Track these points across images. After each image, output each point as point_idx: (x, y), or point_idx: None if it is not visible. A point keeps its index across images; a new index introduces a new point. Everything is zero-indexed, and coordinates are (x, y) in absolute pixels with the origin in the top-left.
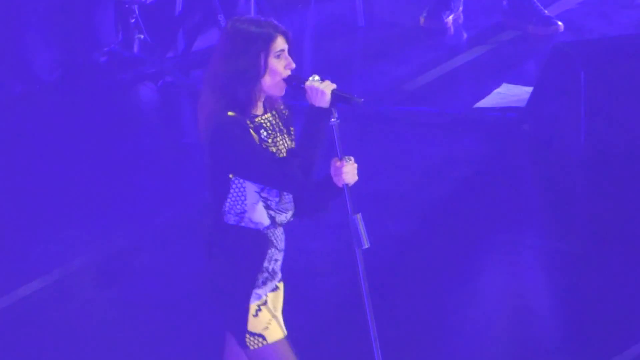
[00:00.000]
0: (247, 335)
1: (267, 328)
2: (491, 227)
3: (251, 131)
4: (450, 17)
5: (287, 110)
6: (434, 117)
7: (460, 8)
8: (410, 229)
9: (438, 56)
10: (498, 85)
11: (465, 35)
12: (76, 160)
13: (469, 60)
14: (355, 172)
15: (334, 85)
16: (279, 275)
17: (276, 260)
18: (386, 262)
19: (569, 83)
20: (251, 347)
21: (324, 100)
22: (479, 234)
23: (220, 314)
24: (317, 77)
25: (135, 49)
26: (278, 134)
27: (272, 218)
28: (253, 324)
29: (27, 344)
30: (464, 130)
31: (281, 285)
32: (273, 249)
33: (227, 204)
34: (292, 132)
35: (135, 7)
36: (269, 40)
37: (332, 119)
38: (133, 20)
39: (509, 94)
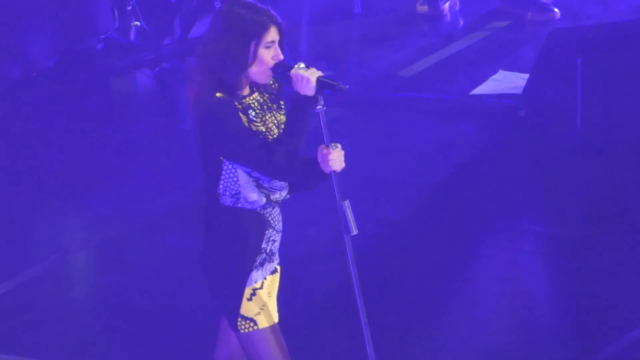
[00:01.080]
0: (239, 319)
1: (259, 313)
2: (487, 213)
3: (240, 113)
4: (447, 4)
5: (276, 85)
6: (430, 103)
7: None
8: (406, 215)
9: (434, 43)
10: (494, 71)
11: (461, 22)
12: (73, 147)
13: (465, 46)
14: (342, 159)
15: (320, 73)
16: (277, 257)
17: (274, 241)
18: (382, 248)
19: (566, 69)
20: (241, 331)
21: (309, 88)
22: (475, 220)
23: (214, 296)
24: (302, 65)
25: (132, 36)
26: (267, 113)
27: (266, 196)
28: (246, 308)
29: (25, 330)
30: (460, 117)
31: (279, 268)
32: (271, 230)
33: (221, 186)
34: (282, 106)
35: None
36: (262, 30)
37: (318, 106)
38: (130, 8)
39: (505, 80)
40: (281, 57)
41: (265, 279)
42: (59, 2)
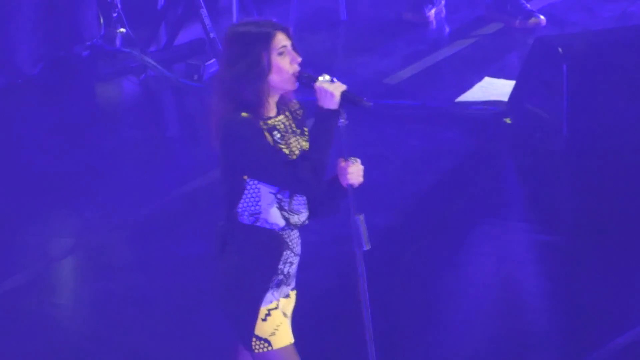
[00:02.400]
0: (254, 339)
1: (273, 334)
2: (474, 220)
3: (265, 132)
4: (433, 11)
5: (301, 111)
6: (416, 110)
7: (443, 1)
8: (392, 223)
9: (420, 50)
10: (480, 78)
11: (447, 29)
12: (59, 154)
13: (451, 53)
14: (361, 173)
15: (344, 87)
16: (293, 282)
17: (291, 263)
18: (368, 255)
19: (552, 76)
20: (256, 351)
21: (333, 102)
22: (462, 227)
23: (228, 315)
24: (327, 77)
25: (118, 42)
26: (291, 136)
27: (286, 219)
28: (261, 328)
29: (12, 337)
30: (446, 124)
31: (293, 294)
32: (288, 252)
33: (241, 205)
34: (306, 133)
35: (118, 1)
36: (268, 38)
37: (341, 120)
38: (115, 14)
39: (491, 87)
40: (299, 59)
41: (278, 300)
42: (44, 9)
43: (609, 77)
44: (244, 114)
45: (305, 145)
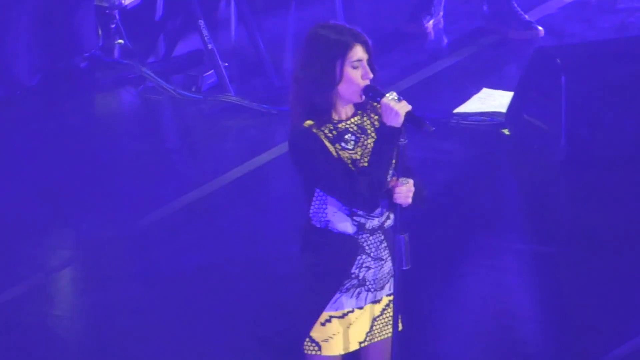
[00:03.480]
0: (307, 339)
1: (327, 340)
2: (472, 231)
3: (327, 142)
4: (431, 22)
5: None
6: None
7: (441, 13)
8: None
9: (418, 61)
10: (478, 90)
11: (445, 40)
12: (57, 165)
13: (449, 65)
14: (410, 195)
15: (409, 107)
16: (383, 287)
17: (368, 268)
18: None
19: (550, 87)
20: (305, 351)
21: (397, 121)
22: (460, 238)
23: (296, 310)
24: (395, 95)
25: (116, 54)
26: (370, 134)
27: (359, 225)
28: (317, 331)
29: (8, 349)
30: (444, 135)
31: (387, 299)
32: (364, 256)
33: (312, 210)
34: None
35: (116, 13)
36: (346, 48)
37: (401, 139)
38: (114, 26)
39: (490, 98)
40: (371, 75)
41: (360, 308)
42: (42, 20)
43: (608, 88)
44: (308, 122)
45: None
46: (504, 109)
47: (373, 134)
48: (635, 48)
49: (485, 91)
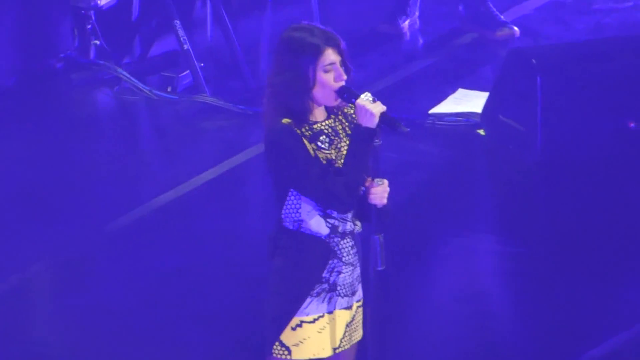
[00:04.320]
0: (277, 343)
1: (297, 345)
2: (447, 232)
3: (305, 140)
4: (407, 22)
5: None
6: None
7: (417, 13)
8: (364, 234)
9: (394, 61)
10: (454, 90)
11: (421, 41)
12: (33, 166)
13: (425, 65)
14: (385, 195)
15: (384, 108)
16: (354, 293)
17: (339, 272)
18: None
19: (526, 88)
20: (274, 355)
21: (372, 122)
22: (435, 239)
23: (264, 316)
24: (369, 96)
25: (92, 54)
26: (342, 140)
27: (332, 227)
28: (287, 336)
29: None
30: (420, 136)
31: (356, 305)
32: (336, 260)
33: (285, 211)
34: None
35: (92, 13)
36: (317, 53)
37: (375, 140)
38: (89, 26)
39: (465, 99)
40: (344, 77)
41: (329, 313)
42: (18, 21)
43: (584, 89)
44: (285, 120)
45: None
46: (479, 110)
47: (345, 138)
48: (611, 49)
49: (460, 92)
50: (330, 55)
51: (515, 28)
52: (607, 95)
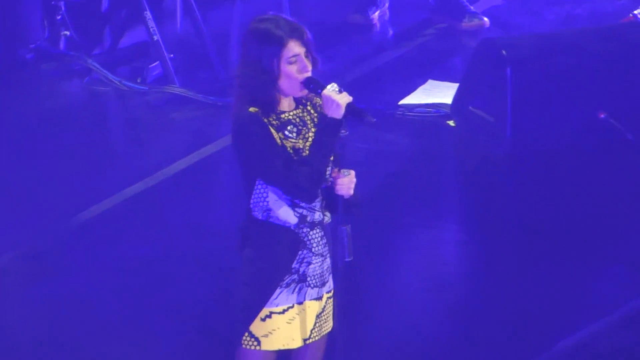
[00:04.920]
0: (247, 334)
1: (266, 335)
2: (416, 222)
3: (271, 129)
4: (377, 13)
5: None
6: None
7: (387, 4)
8: (333, 225)
9: (364, 52)
10: (424, 81)
11: (391, 32)
12: (1, 156)
13: (395, 56)
14: (352, 186)
15: (350, 98)
16: (324, 283)
17: (309, 263)
18: None
19: (496, 79)
20: (243, 345)
21: (338, 113)
22: (404, 229)
23: (233, 306)
24: (335, 87)
25: (62, 45)
26: (310, 130)
27: (301, 216)
28: (257, 326)
29: None
30: (390, 126)
31: (327, 296)
32: (305, 251)
33: (253, 201)
34: None
35: (62, 4)
36: (280, 45)
37: (342, 131)
38: (59, 17)
39: (435, 90)
40: (309, 68)
41: (299, 303)
42: None
43: (553, 80)
44: (252, 109)
45: None
46: (449, 101)
47: (314, 129)
48: (581, 40)
49: (430, 83)
50: (294, 47)
51: (485, 19)
52: (577, 86)
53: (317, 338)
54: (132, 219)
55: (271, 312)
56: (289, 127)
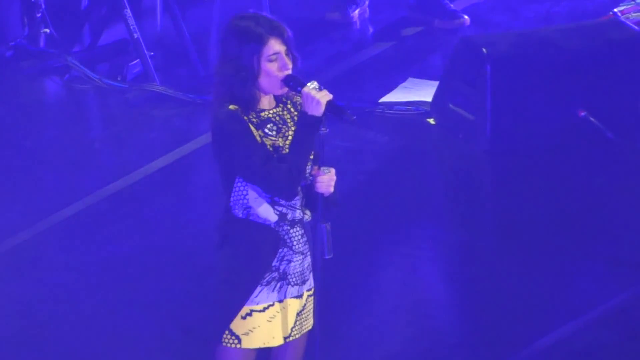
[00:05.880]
0: (227, 332)
1: (247, 333)
2: (396, 221)
3: (251, 127)
4: (357, 11)
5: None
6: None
7: (366, 2)
8: (313, 223)
9: (344, 50)
10: (404, 79)
11: (371, 29)
12: None
13: (374, 54)
14: (332, 183)
15: (330, 96)
16: (304, 281)
17: (289, 261)
18: None
19: (475, 77)
20: (224, 343)
21: (318, 110)
22: (384, 227)
23: (212, 304)
24: (315, 84)
25: (41, 43)
26: (290, 128)
27: (281, 214)
28: (237, 324)
29: None
30: (369, 124)
31: (307, 294)
32: (286, 249)
33: (232, 199)
34: None
35: (42, 2)
36: (261, 43)
37: (322, 129)
38: (39, 15)
39: (415, 88)
40: (289, 66)
41: (280, 301)
42: None
43: (533, 78)
44: (232, 107)
45: None
46: (429, 99)
47: (294, 127)
48: (561, 38)
49: (410, 80)
50: (275, 45)
51: (465, 17)
52: (557, 84)
53: (297, 336)
54: (111, 216)
55: (252, 310)
56: (268, 125)
